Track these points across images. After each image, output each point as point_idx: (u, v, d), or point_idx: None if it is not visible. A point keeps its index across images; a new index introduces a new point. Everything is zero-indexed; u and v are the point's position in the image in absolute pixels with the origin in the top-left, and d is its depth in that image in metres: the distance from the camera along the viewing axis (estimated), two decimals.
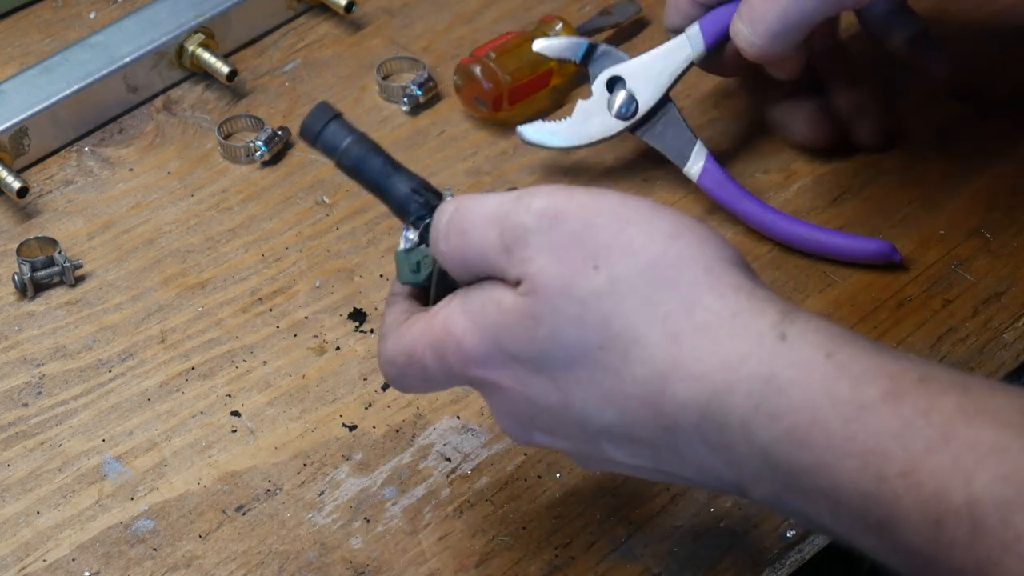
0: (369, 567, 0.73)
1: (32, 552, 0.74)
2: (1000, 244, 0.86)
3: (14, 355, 0.82)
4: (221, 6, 0.96)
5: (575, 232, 0.59)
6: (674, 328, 0.58)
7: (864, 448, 0.54)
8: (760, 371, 0.57)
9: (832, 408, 0.55)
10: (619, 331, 0.58)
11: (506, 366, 0.61)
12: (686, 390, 0.58)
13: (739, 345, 0.57)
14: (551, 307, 0.59)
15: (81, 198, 0.90)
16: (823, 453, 0.55)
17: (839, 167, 0.90)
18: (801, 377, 0.56)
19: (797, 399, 0.56)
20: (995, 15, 0.98)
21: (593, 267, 0.59)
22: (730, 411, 0.57)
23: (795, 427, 0.56)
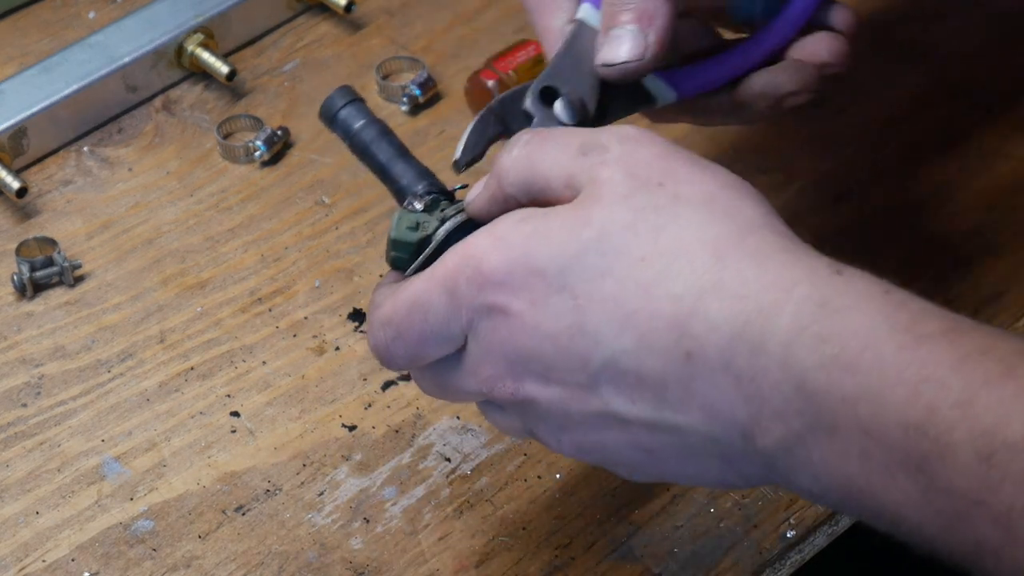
0: (369, 567, 0.73)
1: (31, 552, 0.74)
2: (1000, 244, 0.86)
3: (13, 355, 0.82)
4: (220, 6, 0.96)
5: (652, 156, 0.60)
6: (723, 251, 0.57)
7: (918, 376, 0.52)
8: (813, 295, 0.55)
9: (888, 335, 0.53)
10: (666, 245, 0.57)
11: (524, 285, 0.59)
12: (722, 308, 0.56)
13: (791, 271, 0.56)
14: (606, 211, 0.58)
15: (80, 198, 0.90)
16: (871, 379, 0.53)
17: (839, 167, 0.90)
18: (857, 305, 0.54)
19: (852, 323, 0.54)
20: (995, 15, 0.98)
21: (658, 183, 0.59)
22: (771, 333, 0.55)
23: (844, 351, 0.53)
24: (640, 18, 0.69)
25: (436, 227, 0.65)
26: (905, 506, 0.53)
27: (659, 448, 0.59)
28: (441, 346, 0.63)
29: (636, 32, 0.69)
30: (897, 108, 0.93)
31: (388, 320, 0.64)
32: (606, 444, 0.61)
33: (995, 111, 0.93)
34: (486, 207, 0.64)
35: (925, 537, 0.53)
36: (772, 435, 0.55)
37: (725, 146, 0.91)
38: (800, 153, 0.91)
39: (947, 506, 0.52)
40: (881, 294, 0.55)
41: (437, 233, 0.65)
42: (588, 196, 0.59)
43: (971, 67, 0.95)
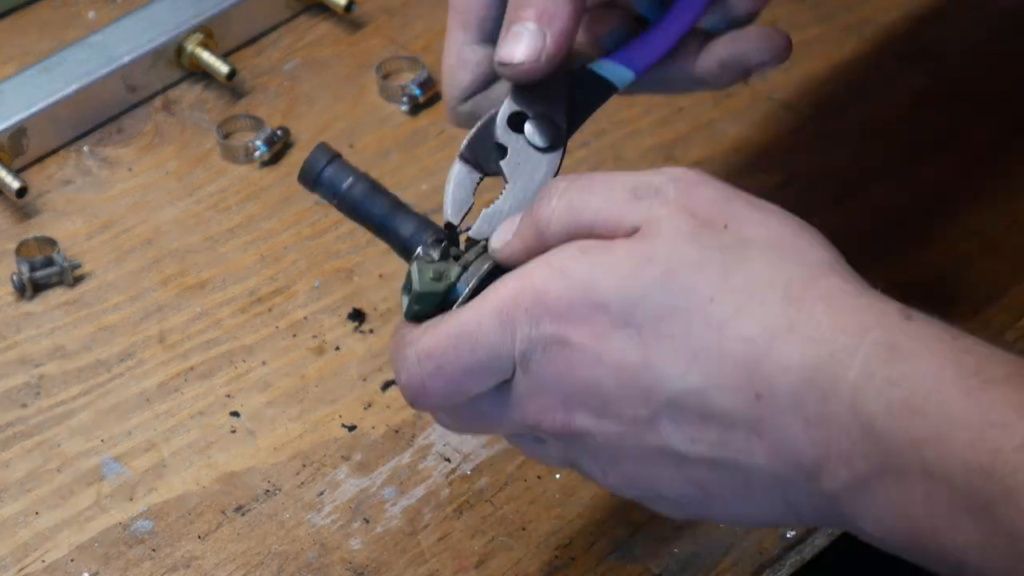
0: (369, 568, 0.73)
1: (31, 552, 0.74)
2: (1000, 244, 0.86)
3: (13, 355, 0.82)
4: (220, 5, 0.96)
5: (711, 197, 0.59)
6: (796, 294, 0.57)
7: (984, 420, 0.53)
8: (884, 339, 0.55)
9: (955, 379, 0.54)
10: (736, 285, 0.57)
11: (588, 318, 0.58)
12: (794, 352, 0.56)
13: (863, 317, 0.56)
14: (671, 248, 0.58)
15: (80, 198, 0.90)
16: (938, 423, 0.53)
17: (839, 167, 0.90)
18: (926, 350, 0.55)
19: (920, 368, 0.54)
20: (995, 14, 0.98)
21: (723, 225, 0.58)
22: (842, 377, 0.55)
23: (912, 395, 0.54)
24: (540, 16, 0.66)
25: (459, 273, 0.63)
26: (968, 549, 0.53)
27: (715, 486, 0.59)
28: (487, 378, 0.61)
29: (535, 31, 0.66)
30: (897, 108, 0.93)
31: (429, 353, 0.61)
32: (658, 479, 0.60)
33: (995, 111, 0.93)
34: (521, 256, 0.62)
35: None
36: (838, 478, 0.56)
37: (725, 146, 0.91)
38: (800, 153, 0.91)
39: (1010, 549, 0.52)
40: (949, 339, 0.56)
41: (470, 282, 0.63)
42: (649, 234, 0.58)
43: (971, 67, 0.95)
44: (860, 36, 0.97)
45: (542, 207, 0.61)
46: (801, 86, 0.94)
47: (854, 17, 0.98)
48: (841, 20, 0.98)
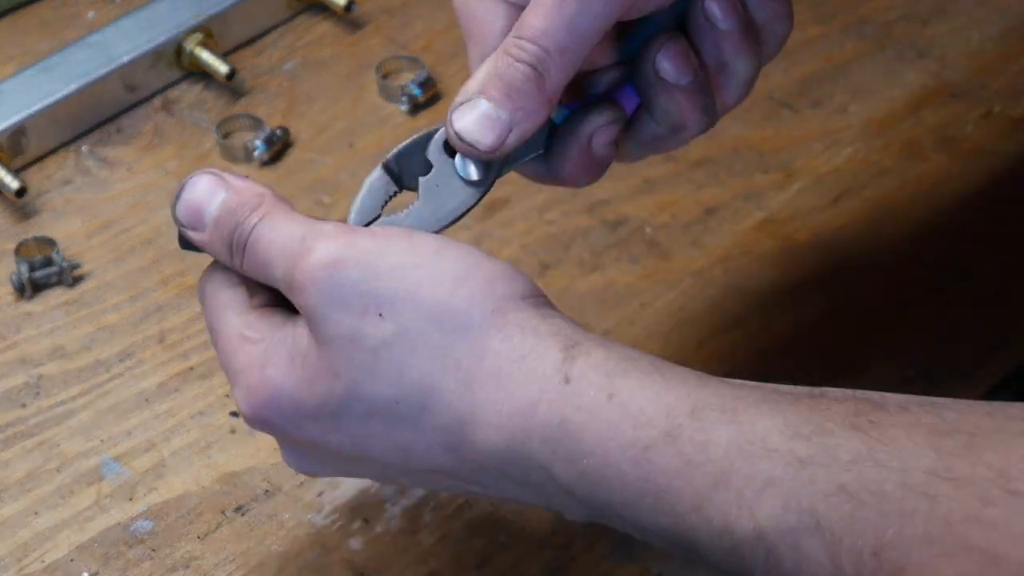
0: (369, 568, 0.73)
1: (31, 553, 0.74)
2: (1000, 244, 0.86)
3: (12, 355, 0.82)
4: (220, 5, 0.96)
5: (357, 281, 0.59)
6: (468, 375, 0.59)
7: (656, 487, 0.56)
8: (552, 417, 0.58)
9: (620, 451, 0.57)
10: (414, 381, 0.59)
11: (301, 427, 0.62)
12: (486, 437, 0.59)
13: (529, 391, 0.58)
14: (346, 358, 0.60)
15: (79, 198, 0.90)
16: (621, 493, 0.57)
17: (839, 167, 0.90)
18: (589, 421, 0.57)
19: (588, 444, 0.57)
20: (995, 14, 0.98)
21: (378, 315, 0.59)
22: (531, 455, 0.58)
23: (591, 469, 0.57)
24: (517, 110, 0.63)
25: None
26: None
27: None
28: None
29: (506, 122, 0.63)
30: (897, 108, 0.93)
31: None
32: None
33: (995, 111, 0.93)
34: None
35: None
36: (573, 517, 0.60)
37: (725, 146, 0.91)
38: (800, 153, 0.91)
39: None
40: (605, 402, 0.58)
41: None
42: (323, 342, 0.60)
43: (971, 67, 0.95)
44: (860, 36, 0.97)
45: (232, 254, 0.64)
46: (801, 86, 0.94)
47: (854, 17, 0.98)
48: (841, 20, 0.98)
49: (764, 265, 0.85)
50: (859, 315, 0.83)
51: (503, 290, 0.60)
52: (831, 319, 0.83)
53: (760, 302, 0.83)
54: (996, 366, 0.81)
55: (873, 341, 0.82)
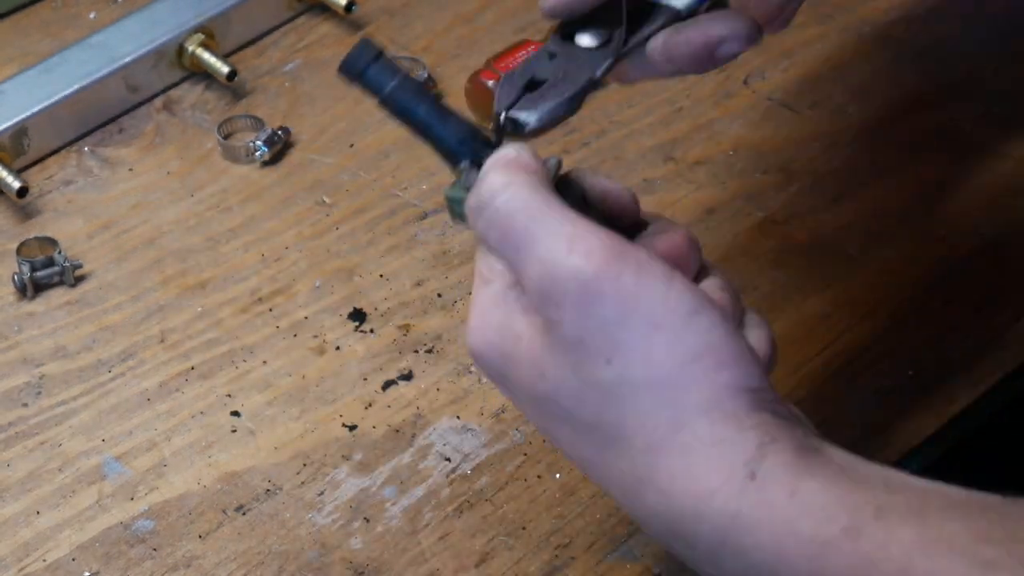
0: (369, 567, 0.73)
1: (32, 552, 0.74)
2: (1000, 244, 0.86)
3: (14, 355, 0.82)
4: (221, 6, 0.96)
5: (606, 320, 0.59)
6: (657, 442, 0.59)
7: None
8: (727, 508, 0.58)
9: (796, 547, 0.56)
10: (610, 422, 0.59)
11: (504, 383, 0.62)
12: (657, 502, 0.59)
13: (711, 477, 0.58)
14: (559, 372, 0.60)
15: (81, 198, 0.90)
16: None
17: (839, 167, 0.90)
18: (766, 517, 0.57)
19: (762, 539, 0.57)
20: (995, 13, 0.98)
21: (607, 361, 0.59)
22: (697, 537, 0.58)
23: (762, 564, 0.57)
24: None
25: None
26: None
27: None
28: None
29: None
30: (897, 108, 0.93)
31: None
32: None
33: (995, 111, 0.93)
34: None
35: None
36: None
37: (725, 146, 0.91)
38: (800, 153, 0.91)
39: None
40: (786, 500, 0.57)
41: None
42: (549, 345, 0.60)
43: (971, 67, 0.95)
44: (860, 36, 0.97)
45: (486, 203, 0.62)
46: (801, 86, 0.94)
47: (854, 17, 0.98)
48: (841, 20, 0.98)
49: (764, 265, 0.85)
50: (859, 315, 0.83)
51: (730, 379, 0.59)
52: (831, 319, 0.83)
53: (760, 302, 0.83)
54: (995, 366, 0.81)
55: (873, 341, 0.82)
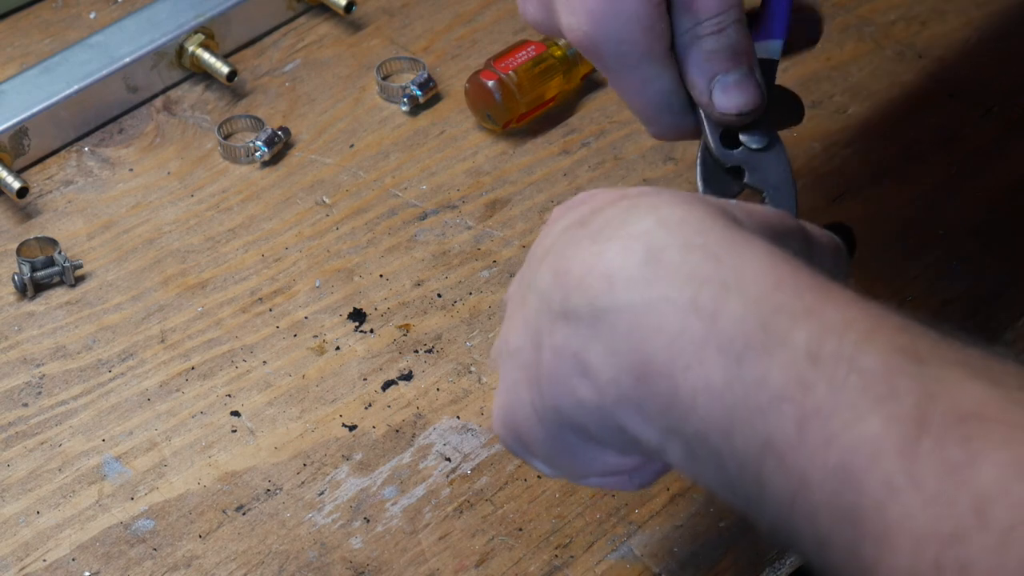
0: (369, 567, 0.73)
1: (32, 552, 0.74)
2: (1000, 244, 0.86)
3: (14, 355, 0.82)
4: (221, 6, 0.96)
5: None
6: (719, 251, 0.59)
7: (775, 283, 0.55)
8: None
9: (770, 264, 0.55)
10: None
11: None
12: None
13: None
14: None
15: (81, 198, 0.90)
16: (731, 274, 0.55)
17: (839, 167, 0.90)
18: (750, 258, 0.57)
19: (742, 260, 0.57)
20: (994, 14, 0.98)
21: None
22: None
23: (720, 261, 0.56)
24: (747, 57, 0.69)
25: None
26: (702, 392, 0.54)
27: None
28: None
29: (748, 75, 0.70)
30: (897, 108, 0.93)
31: None
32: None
33: (995, 111, 0.93)
34: None
35: (709, 432, 0.54)
36: (579, 297, 0.57)
37: None
38: (800, 153, 0.91)
39: (750, 398, 0.53)
40: (769, 243, 0.57)
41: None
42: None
43: (971, 67, 0.95)
44: (860, 36, 0.97)
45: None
46: (801, 86, 0.94)
47: (854, 17, 0.98)
48: (841, 20, 0.98)
49: None
50: None
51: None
52: None
53: None
54: None
55: None
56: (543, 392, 0.59)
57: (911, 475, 0.49)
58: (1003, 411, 0.49)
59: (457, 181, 0.90)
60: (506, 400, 0.62)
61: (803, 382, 0.52)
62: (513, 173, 0.91)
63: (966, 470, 0.48)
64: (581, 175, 0.90)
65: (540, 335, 0.59)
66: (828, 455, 0.51)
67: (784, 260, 0.56)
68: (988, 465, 0.48)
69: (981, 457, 0.48)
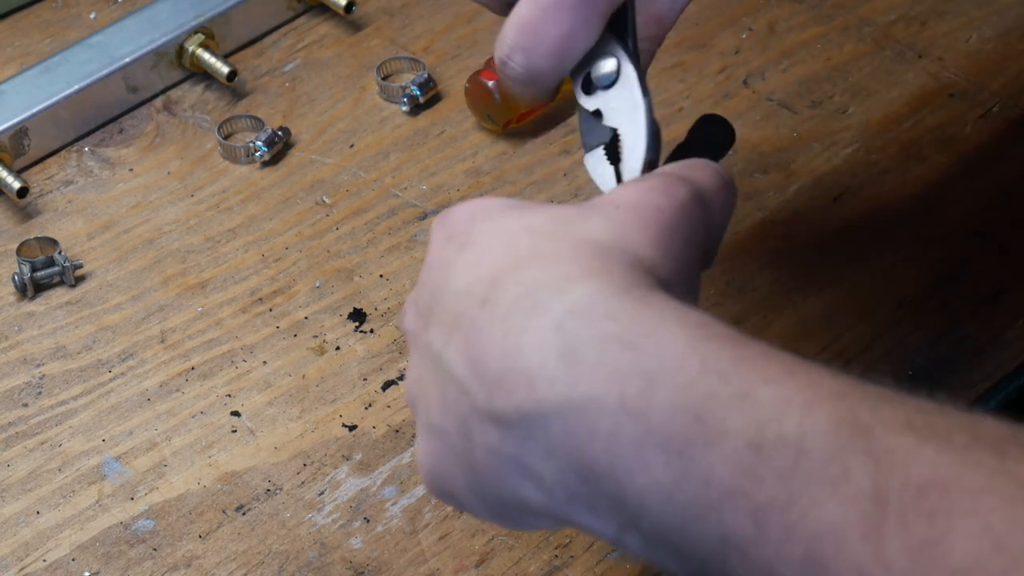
0: (369, 567, 0.73)
1: (32, 552, 0.74)
2: (1000, 244, 0.86)
3: (14, 355, 0.82)
4: (221, 6, 0.96)
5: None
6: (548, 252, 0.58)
7: (701, 366, 0.52)
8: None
9: (678, 326, 0.53)
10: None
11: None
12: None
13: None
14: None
15: (81, 198, 0.90)
16: (650, 360, 0.52)
17: (839, 167, 0.90)
18: (658, 316, 0.55)
19: (640, 311, 0.54)
20: (994, 14, 0.98)
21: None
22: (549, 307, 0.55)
23: (627, 330, 0.53)
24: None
25: None
26: (650, 492, 0.52)
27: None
28: None
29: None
30: (897, 108, 0.93)
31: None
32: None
33: (995, 111, 0.93)
34: None
35: (665, 531, 0.52)
36: (513, 396, 0.54)
37: None
38: (800, 153, 0.91)
39: (700, 496, 0.51)
40: (681, 308, 0.54)
41: None
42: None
43: (971, 67, 0.95)
44: (860, 36, 0.97)
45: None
46: (801, 86, 0.94)
47: (854, 17, 0.98)
48: (841, 20, 0.98)
49: (764, 265, 0.85)
50: (859, 315, 0.83)
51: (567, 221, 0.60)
52: (831, 319, 0.83)
53: (760, 302, 0.83)
54: (995, 366, 0.81)
55: (873, 341, 0.82)
56: (482, 482, 0.57)
57: (880, 559, 0.47)
58: (960, 476, 0.48)
59: (457, 181, 0.90)
60: (434, 466, 0.60)
61: (751, 474, 0.50)
62: (513, 173, 0.91)
63: (936, 548, 0.47)
64: (581, 175, 0.90)
65: (468, 428, 0.56)
66: (792, 547, 0.49)
67: (702, 331, 0.53)
68: (959, 540, 0.46)
69: (950, 533, 0.47)
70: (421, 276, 0.61)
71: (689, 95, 0.94)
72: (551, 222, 0.59)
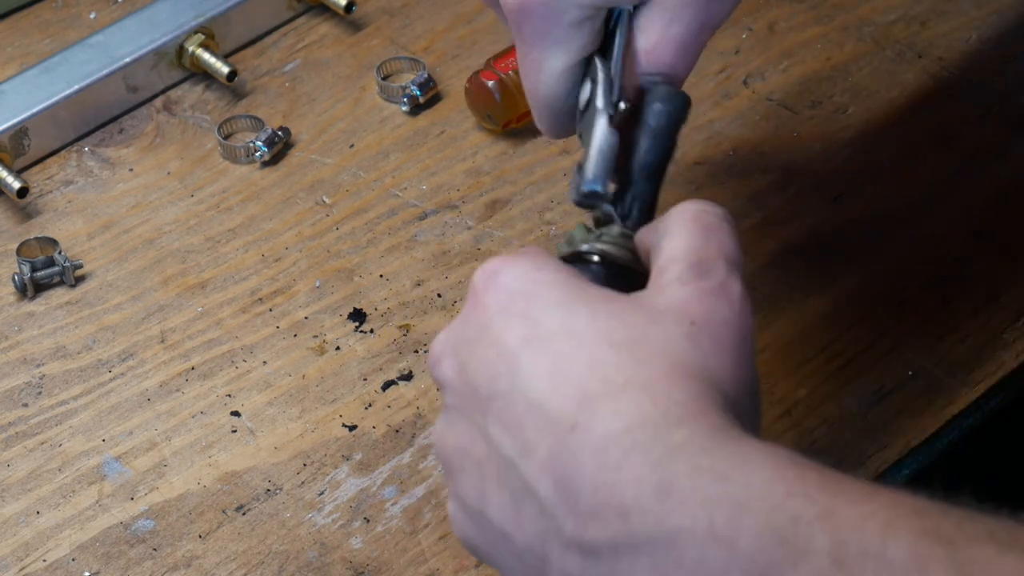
0: (369, 567, 0.73)
1: (32, 552, 0.74)
2: (1000, 244, 0.86)
3: (14, 355, 0.82)
4: (221, 6, 0.96)
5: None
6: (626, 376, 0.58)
7: (787, 491, 0.53)
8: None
9: (763, 458, 0.55)
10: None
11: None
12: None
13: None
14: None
15: (81, 198, 0.90)
16: (737, 488, 0.54)
17: (839, 167, 0.90)
18: (746, 452, 0.56)
19: (728, 447, 0.55)
20: (993, 14, 0.98)
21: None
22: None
23: (718, 464, 0.55)
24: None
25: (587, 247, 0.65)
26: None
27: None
28: None
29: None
30: (897, 108, 0.93)
31: None
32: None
33: (995, 111, 0.93)
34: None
35: None
36: (607, 528, 0.55)
37: (725, 146, 0.91)
38: (800, 153, 0.91)
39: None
40: (766, 443, 0.56)
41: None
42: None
43: (971, 67, 0.95)
44: (860, 36, 0.97)
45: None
46: (801, 86, 0.94)
47: (854, 17, 0.98)
48: (841, 20, 0.98)
49: (764, 265, 0.85)
50: (859, 315, 0.83)
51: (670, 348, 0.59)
52: (831, 319, 0.83)
53: (760, 302, 0.83)
54: (995, 366, 0.81)
55: (873, 341, 0.82)
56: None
57: None
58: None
59: (457, 181, 0.90)
60: (479, 546, 0.61)
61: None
62: (513, 173, 0.91)
63: None
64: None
65: (546, 549, 0.57)
66: None
67: (788, 460, 0.54)
68: None
69: None
70: (462, 333, 0.60)
71: (689, 95, 0.93)
72: (628, 334, 0.58)
